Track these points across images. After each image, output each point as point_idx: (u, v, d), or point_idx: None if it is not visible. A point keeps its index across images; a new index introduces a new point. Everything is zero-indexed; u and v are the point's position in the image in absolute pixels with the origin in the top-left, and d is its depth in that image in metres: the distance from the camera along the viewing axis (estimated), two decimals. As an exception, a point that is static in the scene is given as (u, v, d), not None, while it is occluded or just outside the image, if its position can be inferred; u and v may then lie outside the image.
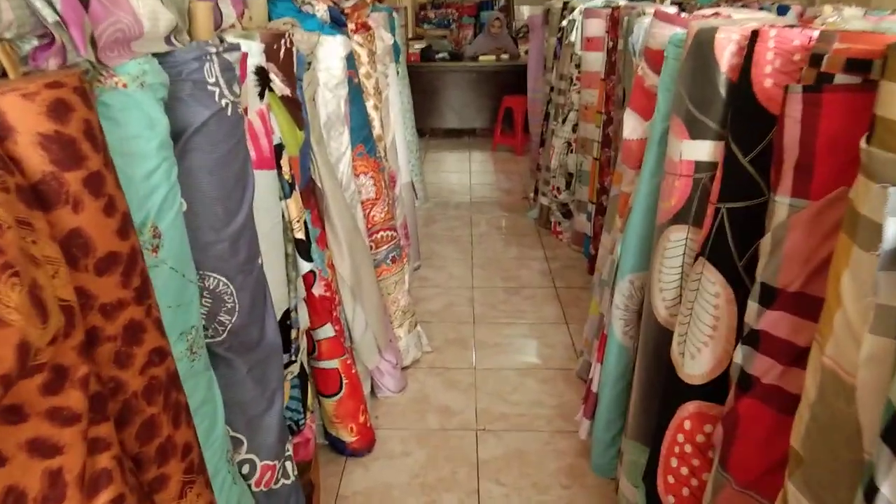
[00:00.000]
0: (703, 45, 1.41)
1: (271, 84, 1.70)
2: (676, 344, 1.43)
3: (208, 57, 1.15)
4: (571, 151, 3.80)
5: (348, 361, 2.07)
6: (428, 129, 6.88)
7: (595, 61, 3.44)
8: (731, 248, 1.30)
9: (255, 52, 1.52)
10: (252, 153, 1.55)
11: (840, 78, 1.01)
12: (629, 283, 1.81)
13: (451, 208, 4.65)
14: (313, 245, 1.97)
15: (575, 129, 3.76)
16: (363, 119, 2.45)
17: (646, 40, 1.88)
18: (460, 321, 3.00)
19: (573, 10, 3.76)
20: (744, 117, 1.28)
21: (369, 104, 2.60)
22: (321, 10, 2.23)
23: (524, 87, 5.83)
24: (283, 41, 1.74)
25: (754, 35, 1.26)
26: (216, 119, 1.15)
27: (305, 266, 1.73)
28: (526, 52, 7.04)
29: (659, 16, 1.80)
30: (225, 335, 1.24)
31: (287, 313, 1.68)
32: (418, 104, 6.13)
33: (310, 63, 2.06)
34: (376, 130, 2.64)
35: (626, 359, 1.89)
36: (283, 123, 1.75)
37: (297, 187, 1.73)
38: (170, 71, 1.07)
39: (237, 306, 1.24)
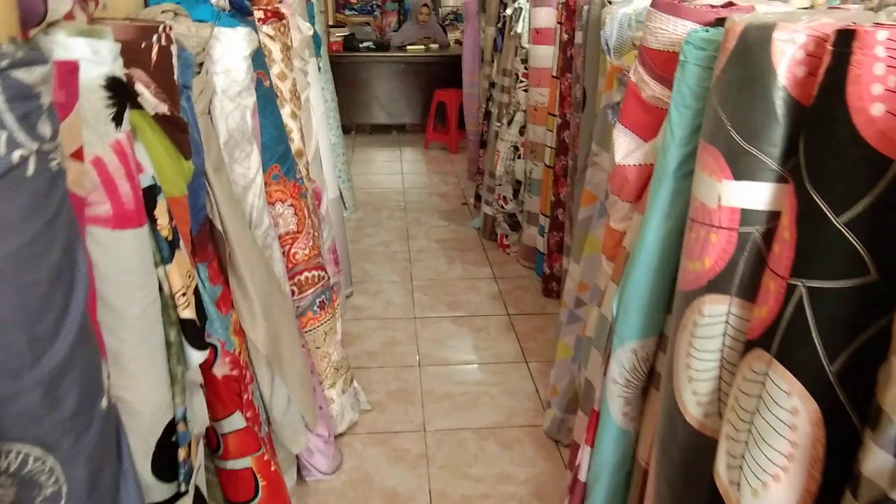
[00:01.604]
0: (752, 49, 1.01)
1: (138, 99, 1.20)
2: (725, 467, 1.03)
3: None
4: (519, 157, 3.39)
5: (265, 457, 1.59)
6: (354, 126, 6.35)
7: (545, 56, 3.04)
8: (817, 345, 0.90)
9: (103, 57, 1.01)
10: (105, 208, 1.04)
11: None
12: (631, 352, 1.40)
13: (385, 218, 4.17)
14: (212, 311, 1.47)
15: (522, 131, 3.36)
16: (278, 132, 1.95)
17: (640, 37, 1.47)
18: (404, 364, 2.54)
19: (517, -4, 3.34)
20: (836, 158, 0.88)
21: (285, 112, 2.10)
22: (217, -5, 1.71)
23: (457, 80, 5.40)
24: (155, 37, 1.23)
25: (846, 38, 0.86)
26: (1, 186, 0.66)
27: (197, 357, 1.23)
28: (456, 42, 6.62)
29: (661, 6, 1.39)
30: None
31: (171, 426, 1.18)
32: (342, 98, 5.58)
33: (200, 65, 1.55)
34: (295, 144, 2.14)
35: (626, 445, 1.49)
36: (158, 154, 1.25)
37: (180, 244, 1.23)
38: None
39: (65, 489, 0.74)
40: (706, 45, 1.18)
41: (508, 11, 3.29)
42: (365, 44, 6.08)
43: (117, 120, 1.05)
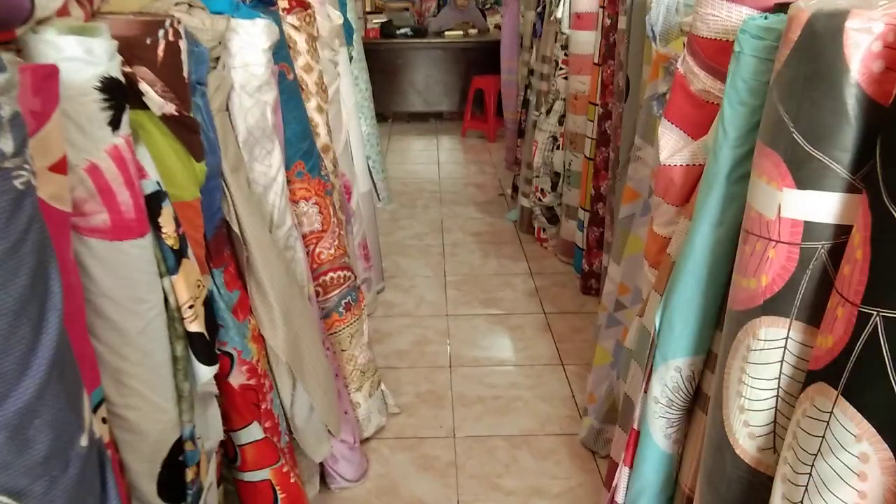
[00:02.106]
0: (821, 41, 0.88)
1: (143, 99, 1.12)
2: (782, 512, 0.92)
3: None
4: (558, 148, 3.25)
5: (284, 469, 1.53)
6: (390, 114, 6.26)
7: (586, 42, 2.89)
8: (894, 385, 0.78)
9: (97, 56, 0.94)
10: (103, 218, 0.98)
11: None
12: (675, 370, 1.28)
13: (419, 210, 4.08)
14: (227, 318, 1.40)
15: (561, 121, 3.22)
16: (302, 128, 1.87)
17: (689, 24, 1.33)
18: (434, 365, 2.46)
19: (557, -21, 3.19)
20: (922, 168, 0.75)
21: (311, 105, 2.02)
22: (236, -16, 1.62)
23: (495, 66, 5.25)
24: (162, 32, 1.15)
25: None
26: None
27: (205, 372, 1.16)
28: (496, 27, 6.45)
29: (713, -11, 1.25)
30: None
31: (178, 445, 1.12)
32: (379, 86, 5.50)
33: (217, 59, 1.47)
34: (321, 139, 2.06)
35: (668, 468, 1.37)
36: (165, 157, 1.18)
37: (188, 253, 1.16)
38: None
39: (37, 540, 0.68)
40: (765, 35, 1.05)
41: (548, -5, 3.14)
42: (402, 30, 5.97)
43: (114, 123, 0.98)
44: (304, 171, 1.86)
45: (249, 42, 1.54)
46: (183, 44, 1.21)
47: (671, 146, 1.34)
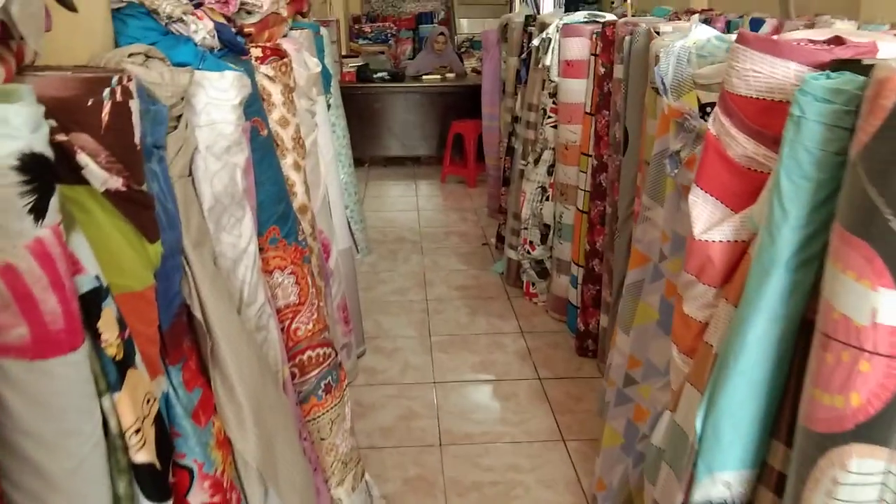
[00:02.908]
0: (927, 109, 0.70)
1: (83, 173, 0.92)
2: None
3: None
4: (547, 199, 3.10)
5: None
6: (367, 158, 6.10)
7: (577, 91, 2.75)
8: None
9: (14, 128, 0.73)
10: (19, 332, 0.76)
11: None
12: (723, 486, 1.08)
13: (400, 262, 3.88)
14: (186, 425, 1.17)
15: (550, 171, 3.06)
16: (277, 189, 1.67)
17: (725, 81, 1.17)
18: (423, 443, 2.23)
19: (543, 25, 3.07)
20: None
21: (287, 162, 1.82)
22: (202, 32, 1.44)
23: (474, 111, 5.14)
24: (107, 92, 0.95)
25: None
26: None
27: (156, 513, 0.93)
28: (473, 71, 6.38)
29: (752, 42, 1.10)
30: None
31: None
32: (355, 130, 5.33)
33: (178, 118, 1.27)
34: (298, 199, 1.86)
35: None
36: (110, 241, 0.96)
37: (136, 360, 0.94)
38: None
39: None
40: (833, 97, 0.89)
41: (535, 42, 3.02)
42: (379, 74, 5.85)
43: (38, 211, 0.77)
44: (279, 237, 1.66)
45: (217, 97, 1.35)
46: (134, 104, 1.01)
47: (706, 219, 1.17)
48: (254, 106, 1.60)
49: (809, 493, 0.85)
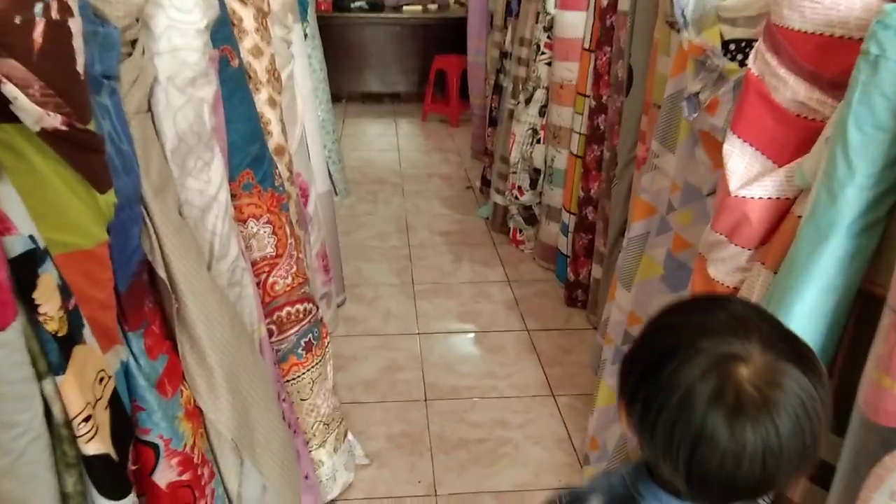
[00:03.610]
0: None
1: (12, 108, 0.74)
2: None
3: None
4: (538, 141, 2.93)
5: (233, 583, 1.18)
6: (344, 94, 5.82)
7: (575, 25, 2.56)
8: None
9: None
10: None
11: None
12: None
13: (381, 204, 3.71)
14: (150, 398, 1.03)
15: (543, 112, 2.89)
16: (251, 127, 1.49)
17: (773, 12, 1.01)
18: (407, 398, 2.13)
19: (539, -48, 2.84)
20: None
21: (261, 98, 1.63)
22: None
23: (458, 45, 4.89)
24: (39, 7, 0.77)
25: None
26: None
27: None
28: (456, 2, 6.06)
29: (811, -34, 0.94)
30: None
31: None
32: (331, 64, 5.00)
33: (133, 43, 1.08)
34: (274, 139, 1.68)
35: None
36: (50, 192, 0.80)
37: (84, 334, 0.79)
38: None
39: None
40: (922, 31, 0.74)
41: (530, -31, 2.79)
42: (357, 3, 5.52)
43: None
44: (254, 182, 1.49)
45: (179, 19, 1.16)
46: (75, 23, 0.83)
47: (743, 172, 1.03)
48: (223, 31, 1.41)
49: (869, 492, 0.75)
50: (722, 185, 1.06)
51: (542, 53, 2.82)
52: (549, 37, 2.77)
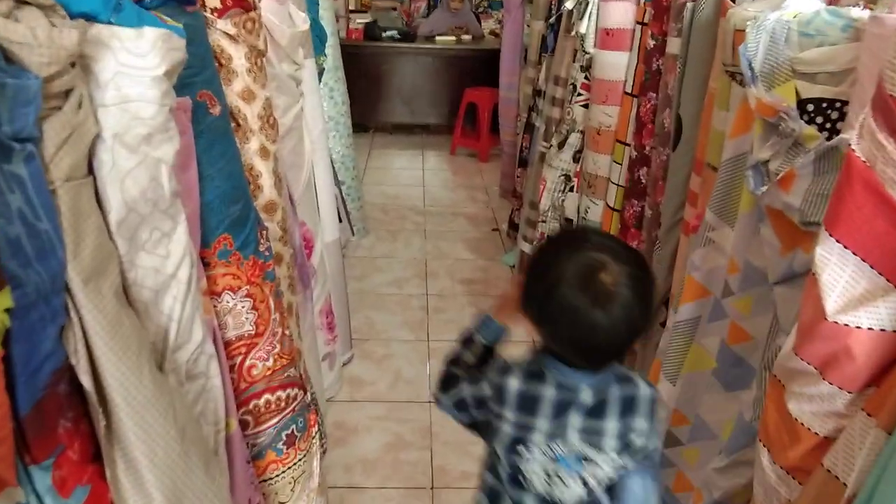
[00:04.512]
0: None
1: None
2: None
3: None
4: (571, 189, 2.68)
5: None
6: (372, 124, 5.67)
7: (615, 65, 2.32)
8: None
9: None
10: None
11: None
12: None
13: (400, 245, 3.49)
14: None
15: (577, 157, 2.65)
16: (232, 185, 1.27)
17: (884, 76, 0.76)
18: (412, 484, 1.88)
19: (578, -15, 2.62)
20: None
21: (251, 148, 1.42)
22: (124, -31, 1.02)
23: (490, 78, 4.71)
24: None
25: None
26: None
27: None
28: (491, 34, 5.89)
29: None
30: None
31: None
32: (360, 93, 4.90)
33: (68, 93, 0.87)
34: (265, 194, 1.47)
35: None
36: None
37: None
38: None
39: None
40: None
41: (569, 4, 2.56)
42: (389, 32, 5.37)
43: None
44: (233, 248, 1.27)
45: (131, 65, 0.94)
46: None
47: (844, 289, 0.77)
48: (202, 74, 1.20)
49: None
50: (812, 300, 0.80)
51: (579, 94, 2.58)
52: (586, 77, 2.53)
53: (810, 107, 1.20)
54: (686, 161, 1.80)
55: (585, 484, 0.99)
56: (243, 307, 1.29)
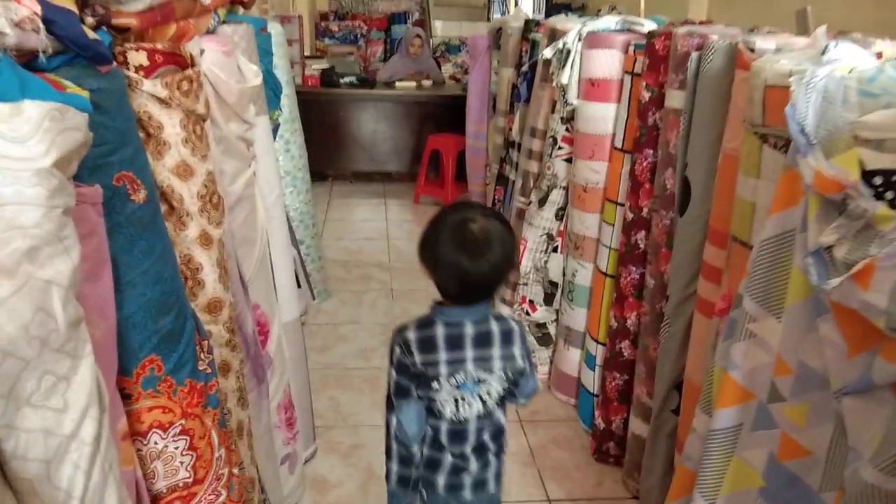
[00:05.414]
0: None
1: None
2: None
3: None
4: (555, 250, 2.46)
5: None
6: (331, 173, 5.40)
7: (602, 118, 2.12)
8: None
9: None
10: None
11: None
12: None
13: (365, 309, 3.20)
14: None
15: (560, 215, 2.43)
16: (160, 292, 0.98)
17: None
18: None
19: (555, 33, 2.43)
20: None
21: (188, 236, 1.14)
22: (4, 22, 0.75)
23: (454, 125, 4.53)
24: None
25: None
26: None
27: None
28: (451, 78, 5.75)
29: None
30: None
31: None
32: (318, 141, 4.65)
33: None
34: (207, 291, 1.18)
35: None
36: None
37: None
38: None
39: None
40: None
41: (548, 53, 2.37)
42: (347, 78, 5.15)
43: None
44: (162, 373, 0.98)
45: (6, 153, 0.67)
46: None
47: None
48: (121, 151, 0.93)
49: None
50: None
51: (560, 148, 2.38)
52: (567, 129, 2.33)
53: (878, 179, 0.99)
54: (697, 229, 1.58)
55: (483, 402, 1.26)
56: (177, 448, 0.99)
